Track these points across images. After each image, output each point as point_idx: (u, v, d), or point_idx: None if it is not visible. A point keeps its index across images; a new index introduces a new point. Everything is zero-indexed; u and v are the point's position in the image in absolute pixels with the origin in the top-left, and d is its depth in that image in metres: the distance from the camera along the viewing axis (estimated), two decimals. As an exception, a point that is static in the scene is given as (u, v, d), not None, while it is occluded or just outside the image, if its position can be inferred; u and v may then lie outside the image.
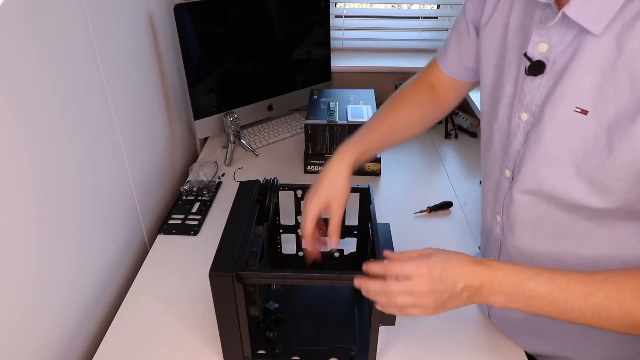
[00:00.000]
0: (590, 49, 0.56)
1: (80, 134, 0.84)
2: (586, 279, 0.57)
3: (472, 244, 1.09)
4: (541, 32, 0.61)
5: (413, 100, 0.91)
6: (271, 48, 1.48)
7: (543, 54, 0.62)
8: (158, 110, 1.21)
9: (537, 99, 0.64)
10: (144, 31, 1.12)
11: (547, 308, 0.58)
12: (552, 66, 0.61)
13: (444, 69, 0.88)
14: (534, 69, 0.63)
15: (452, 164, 1.41)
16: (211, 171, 1.31)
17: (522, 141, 0.67)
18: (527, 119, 0.66)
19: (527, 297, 0.58)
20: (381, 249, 0.74)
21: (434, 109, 0.93)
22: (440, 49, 0.90)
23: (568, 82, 0.59)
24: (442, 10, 1.73)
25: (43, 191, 0.74)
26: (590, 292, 0.56)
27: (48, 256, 0.76)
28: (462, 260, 0.61)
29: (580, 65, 0.57)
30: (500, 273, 0.59)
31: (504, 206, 0.74)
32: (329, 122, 1.29)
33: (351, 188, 0.81)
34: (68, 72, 0.79)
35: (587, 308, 0.57)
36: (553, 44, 0.60)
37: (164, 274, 1.00)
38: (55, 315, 0.79)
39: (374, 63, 1.67)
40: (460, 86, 0.89)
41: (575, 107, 0.58)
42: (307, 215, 0.79)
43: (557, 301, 0.57)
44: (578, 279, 0.57)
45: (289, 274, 0.73)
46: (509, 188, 0.72)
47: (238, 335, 0.75)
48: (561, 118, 0.60)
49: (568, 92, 0.59)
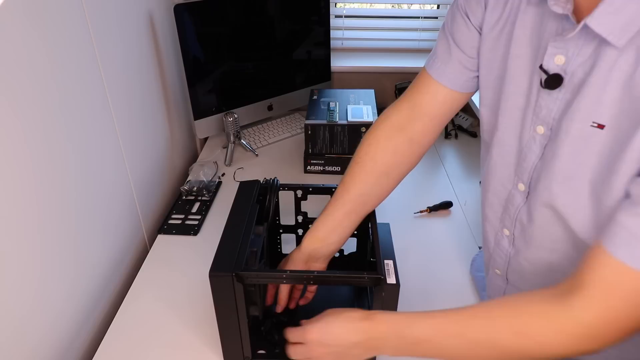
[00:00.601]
0: (610, 61, 0.53)
1: (80, 134, 0.84)
2: (461, 316, 0.60)
3: (472, 244, 1.09)
4: (558, 43, 0.58)
5: (371, 158, 0.82)
6: (271, 48, 1.48)
7: (560, 67, 0.59)
8: (158, 110, 1.21)
9: (554, 112, 0.62)
10: (144, 31, 1.12)
11: (433, 351, 0.61)
12: (570, 79, 0.59)
13: (442, 80, 0.77)
14: (550, 83, 0.60)
15: (452, 164, 1.41)
16: (211, 171, 1.31)
17: (539, 155, 0.66)
18: (544, 133, 0.64)
19: (412, 343, 0.62)
20: (381, 249, 0.74)
21: (399, 158, 0.83)
22: (429, 61, 0.79)
23: (587, 97, 0.56)
24: (442, 10, 1.73)
25: (43, 191, 0.74)
26: (462, 331, 0.59)
27: (48, 256, 0.76)
28: (348, 319, 0.66)
29: (600, 79, 0.55)
30: (382, 325, 0.64)
31: (517, 221, 0.73)
32: (329, 122, 1.29)
33: None
34: (68, 72, 0.79)
35: (465, 345, 0.59)
36: (571, 57, 0.58)
37: (164, 274, 1.00)
38: (55, 315, 0.79)
39: (374, 63, 1.67)
40: (453, 102, 0.80)
41: (592, 122, 0.56)
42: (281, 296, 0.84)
43: (440, 343, 0.60)
44: (454, 318, 0.61)
45: (289, 274, 0.73)
46: (525, 203, 0.71)
47: (238, 335, 0.75)
48: (576, 133, 0.58)
49: (586, 106, 0.57)
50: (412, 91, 0.82)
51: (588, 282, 0.54)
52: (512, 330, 0.57)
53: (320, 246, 0.82)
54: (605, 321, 0.53)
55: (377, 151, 0.82)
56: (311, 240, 0.82)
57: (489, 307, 0.61)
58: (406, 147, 0.82)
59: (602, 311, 0.53)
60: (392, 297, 0.69)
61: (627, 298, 0.52)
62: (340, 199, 0.82)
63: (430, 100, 0.79)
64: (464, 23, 0.73)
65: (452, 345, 0.60)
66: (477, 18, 0.71)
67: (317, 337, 0.67)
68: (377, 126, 0.84)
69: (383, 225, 0.80)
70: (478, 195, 0.82)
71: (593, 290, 0.53)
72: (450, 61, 0.75)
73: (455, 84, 0.77)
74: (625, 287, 0.51)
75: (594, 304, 0.53)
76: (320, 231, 0.82)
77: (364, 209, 0.83)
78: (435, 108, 0.80)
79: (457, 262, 1.04)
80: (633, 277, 0.50)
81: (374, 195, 0.83)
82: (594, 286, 0.53)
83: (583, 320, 0.54)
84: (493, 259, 0.81)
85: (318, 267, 0.83)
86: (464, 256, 1.05)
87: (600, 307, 0.53)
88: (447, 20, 0.76)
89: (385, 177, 0.83)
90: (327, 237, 0.82)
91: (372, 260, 0.79)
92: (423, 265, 1.02)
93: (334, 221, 0.82)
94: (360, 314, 0.66)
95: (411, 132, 0.81)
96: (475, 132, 1.57)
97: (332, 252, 0.84)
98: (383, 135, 0.83)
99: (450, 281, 1.00)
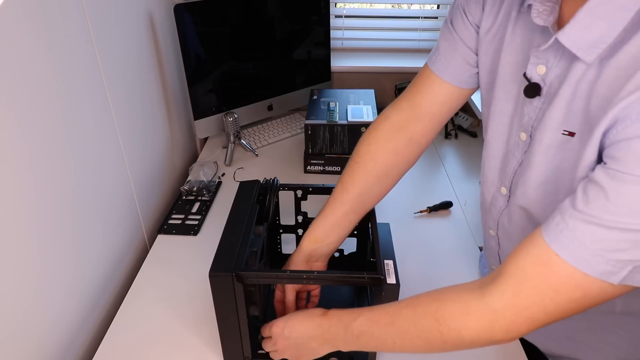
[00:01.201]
0: (578, 74, 0.55)
1: (80, 134, 0.84)
2: (394, 307, 0.63)
3: (472, 244, 1.09)
4: (539, 54, 0.60)
5: (371, 158, 0.82)
6: (271, 48, 1.48)
7: (541, 76, 0.61)
8: (158, 110, 1.21)
9: (533, 120, 0.63)
10: (144, 31, 1.12)
11: (372, 342, 0.64)
12: (547, 89, 0.61)
13: (444, 76, 0.77)
14: (529, 91, 0.62)
15: (452, 164, 1.41)
16: (211, 171, 1.31)
17: (519, 161, 0.67)
18: (525, 139, 0.66)
19: (356, 335, 0.64)
20: (381, 249, 0.74)
21: (399, 158, 0.83)
22: (431, 58, 0.79)
23: (557, 107, 0.58)
24: (442, 10, 1.73)
25: (43, 191, 0.74)
26: (393, 320, 0.62)
27: (48, 256, 0.76)
28: (308, 315, 0.70)
29: (569, 90, 0.56)
30: (333, 319, 0.67)
31: (499, 223, 0.75)
32: (329, 122, 1.29)
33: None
34: (68, 72, 0.79)
35: (395, 334, 0.61)
36: (550, 67, 0.60)
37: (164, 274, 1.00)
38: (55, 315, 0.79)
39: (374, 63, 1.67)
40: (454, 101, 0.79)
41: (563, 130, 0.58)
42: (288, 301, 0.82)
43: (375, 334, 0.63)
44: (388, 310, 0.63)
45: (289, 274, 0.73)
46: (506, 206, 0.72)
47: (238, 335, 0.75)
48: (548, 142, 0.60)
49: (557, 116, 0.58)
50: (412, 90, 0.81)
51: (507, 269, 0.54)
52: (433, 316, 0.58)
53: (319, 246, 0.82)
54: (515, 310, 0.53)
55: (377, 151, 0.82)
56: (310, 240, 0.82)
57: (420, 296, 0.62)
58: (406, 147, 0.82)
59: (513, 298, 0.53)
60: (392, 297, 0.69)
61: (541, 288, 0.52)
62: (339, 198, 0.82)
63: (430, 100, 0.79)
64: (463, 22, 0.74)
65: (386, 335, 0.62)
66: (475, 19, 0.72)
67: (279, 330, 0.71)
68: (377, 126, 0.84)
69: (383, 225, 0.80)
70: (478, 195, 0.82)
71: (509, 279, 0.54)
72: (454, 58, 0.75)
73: (458, 79, 0.77)
74: (542, 278, 0.52)
75: (506, 292, 0.54)
76: (319, 231, 0.82)
77: (363, 209, 0.83)
78: (435, 108, 0.80)
79: (457, 262, 1.04)
80: (553, 268, 0.51)
81: (373, 195, 0.83)
82: (510, 274, 0.54)
83: (494, 306, 0.54)
84: (487, 256, 0.84)
85: (319, 266, 0.84)
86: (464, 256, 1.05)
87: (512, 295, 0.53)
88: (450, 16, 0.76)
89: (385, 177, 0.83)
90: (326, 237, 0.82)
91: (372, 260, 0.79)
92: (423, 265, 1.02)
93: (332, 221, 0.82)
94: (320, 311, 0.70)
95: (411, 132, 0.81)
96: (475, 132, 1.57)
97: (332, 251, 0.84)
98: (383, 136, 0.82)
99: (450, 281, 0.99)
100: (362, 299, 0.90)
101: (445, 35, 0.77)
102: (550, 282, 0.51)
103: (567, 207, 0.51)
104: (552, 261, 0.51)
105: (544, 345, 0.82)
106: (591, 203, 0.49)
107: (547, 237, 0.52)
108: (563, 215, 0.51)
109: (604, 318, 0.72)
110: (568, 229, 0.50)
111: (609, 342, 0.74)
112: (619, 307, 0.70)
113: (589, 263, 0.49)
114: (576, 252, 0.49)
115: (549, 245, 0.51)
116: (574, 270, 0.50)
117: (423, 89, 0.80)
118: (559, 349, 0.80)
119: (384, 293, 0.69)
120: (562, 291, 0.51)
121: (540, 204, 0.65)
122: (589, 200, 0.49)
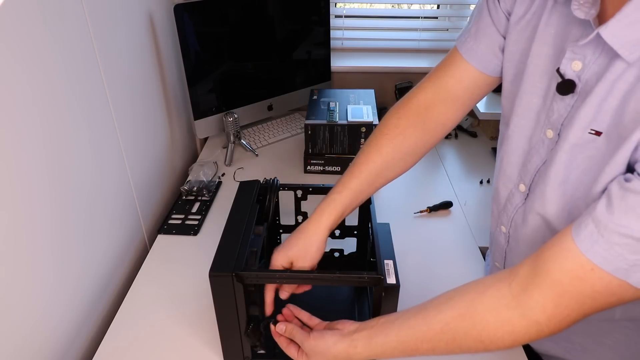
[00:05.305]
0: (617, 72, 0.53)
1: (80, 134, 0.84)
2: (428, 335, 0.61)
3: (472, 244, 1.09)
4: (576, 49, 0.57)
5: (401, 132, 0.79)
6: (271, 48, 1.48)
7: (576, 73, 0.58)
8: (158, 110, 1.21)
9: (563, 117, 0.61)
10: (144, 31, 1.12)
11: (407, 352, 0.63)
12: (583, 87, 0.58)
13: (472, 61, 0.75)
14: (563, 88, 0.59)
15: (452, 164, 1.41)
16: (211, 171, 1.31)
17: (543, 159, 0.65)
18: (552, 137, 0.63)
19: (389, 354, 0.63)
20: (381, 249, 0.74)
21: (427, 137, 0.81)
22: (460, 37, 0.76)
23: (589, 104, 0.56)
24: (442, 10, 1.73)
25: (43, 191, 0.74)
26: (434, 348, 0.61)
27: (48, 256, 0.76)
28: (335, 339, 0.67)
29: (604, 88, 0.54)
30: (360, 348, 0.65)
31: (513, 220, 0.73)
32: (329, 122, 1.29)
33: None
34: (68, 72, 0.79)
35: (431, 345, 0.61)
36: (587, 64, 0.57)
37: (164, 274, 1.00)
38: (56, 315, 0.79)
39: (374, 63, 1.67)
40: (478, 87, 0.77)
41: (590, 129, 0.56)
42: (273, 266, 0.77)
43: (412, 349, 0.62)
44: (422, 339, 0.61)
45: (289, 274, 0.73)
46: (522, 204, 0.70)
47: (238, 335, 0.75)
48: (574, 140, 0.58)
49: (587, 114, 0.56)
50: (438, 71, 0.79)
51: (542, 281, 0.54)
52: (477, 339, 0.58)
53: (337, 219, 0.77)
54: (558, 319, 0.54)
55: (407, 127, 0.79)
56: (332, 213, 0.76)
57: (451, 320, 0.61)
58: (433, 126, 0.80)
59: (554, 310, 0.54)
60: (392, 297, 0.69)
61: (579, 298, 0.53)
62: (364, 164, 0.78)
63: (455, 84, 0.77)
64: (495, 6, 0.71)
65: (422, 338, 0.61)
66: (507, 5, 0.69)
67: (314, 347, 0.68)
68: (405, 103, 0.81)
69: (383, 225, 0.80)
70: (478, 195, 0.82)
71: (548, 292, 0.54)
72: (483, 41, 0.73)
73: (484, 65, 0.74)
74: (580, 289, 0.52)
75: (547, 306, 0.54)
76: (344, 203, 0.77)
77: (379, 183, 0.80)
78: (460, 92, 0.78)
79: (457, 262, 1.04)
80: (591, 280, 0.51)
81: (394, 170, 0.80)
82: (548, 287, 0.54)
83: (538, 320, 0.55)
84: (493, 253, 0.83)
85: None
86: (464, 256, 1.05)
87: (553, 307, 0.54)
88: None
89: (411, 155, 0.80)
90: (346, 209, 0.78)
91: (372, 260, 0.79)
92: (423, 265, 1.02)
93: (358, 193, 0.78)
94: (342, 336, 0.67)
95: (437, 112, 0.79)
96: (475, 132, 1.57)
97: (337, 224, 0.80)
98: (412, 112, 0.79)
99: (450, 281, 0.99)
100: (362, 299, 0.90)
101: (478, 15, 0.74)
102: (587, 292, 0.52)
103: (602, 214, 0.50)
104: (590, 273, 0.51)
105: (540, 345, 0.82)
106: (629, 213, 0.48)
107: (581, 245, 0.51)
108: (597, 225, 0.50)
109: (602, 323, 0.72)
110: (603, 239, 0.49)
111: (605, 345, 0.74)
112: (619, 313, 0.70)
113: (627, 272, 0.49)
114: (614, 262, 0.49)
115: (585, 255, 0.51)
116: (612, 279, 0.50)
117: (449, 72, 0.77)
118: (555, 349, 0.80)
119: (384, 293, 0.69)
120: (599, 298, 0.52)
121: (557, 203, 0.63)
122: (627, 209, 0.48)
